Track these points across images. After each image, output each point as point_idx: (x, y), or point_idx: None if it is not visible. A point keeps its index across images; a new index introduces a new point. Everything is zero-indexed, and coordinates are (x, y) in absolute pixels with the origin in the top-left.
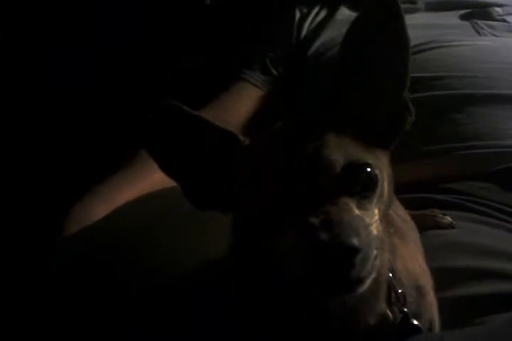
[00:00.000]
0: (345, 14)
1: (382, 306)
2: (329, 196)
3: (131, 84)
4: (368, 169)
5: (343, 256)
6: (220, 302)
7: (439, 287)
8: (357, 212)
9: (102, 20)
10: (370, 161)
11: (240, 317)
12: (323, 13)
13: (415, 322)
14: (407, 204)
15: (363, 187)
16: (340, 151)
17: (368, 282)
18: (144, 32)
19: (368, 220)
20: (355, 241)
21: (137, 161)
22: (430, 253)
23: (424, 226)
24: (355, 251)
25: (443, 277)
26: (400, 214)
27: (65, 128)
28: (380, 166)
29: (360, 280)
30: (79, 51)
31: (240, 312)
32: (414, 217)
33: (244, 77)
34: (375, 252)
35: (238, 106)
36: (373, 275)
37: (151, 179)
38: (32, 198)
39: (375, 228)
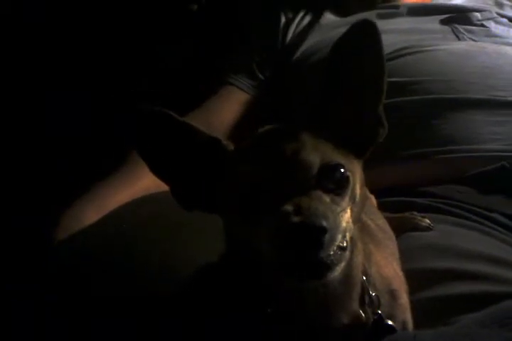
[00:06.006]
0: (330, 19)
1: (355, 307)
2: (305, 190)
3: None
4: (342, 170)
5: (311, 235)
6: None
7: (416, 288)
8: (329, 202)
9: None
10: (343, 162)
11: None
12: (308, 18)
13: (390, 322)
14: (387, 208)
15: (337, 185)
16: (316, 153)
17: (338, 270)
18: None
19: (338, 209)
20: (322, 222)
21: (128, 166)
22: (408, 254)
23: (403, 228)
24: (322, 230)
25: (420, 278)
26: (379, 223)
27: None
28: (353, 170)
29: (329, 266)
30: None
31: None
32: (393, 220)
33: (232, 81)
34: (344, 242)
35: (225, 111)
36: (343, 264)
37: (143, 183)
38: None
39: (345, 220)
